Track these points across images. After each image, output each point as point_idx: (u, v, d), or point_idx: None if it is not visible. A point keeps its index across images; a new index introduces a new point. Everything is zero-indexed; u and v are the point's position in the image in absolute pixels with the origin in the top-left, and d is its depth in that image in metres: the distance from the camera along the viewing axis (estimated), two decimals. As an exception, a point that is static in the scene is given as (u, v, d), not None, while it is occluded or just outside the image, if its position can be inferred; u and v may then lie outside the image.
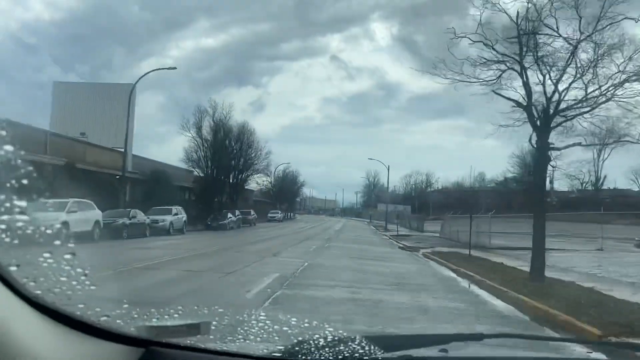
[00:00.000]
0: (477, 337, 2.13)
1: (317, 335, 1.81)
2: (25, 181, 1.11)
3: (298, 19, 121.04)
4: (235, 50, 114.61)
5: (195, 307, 1.77)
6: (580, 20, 11.12)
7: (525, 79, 11.55)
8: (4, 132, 1.02)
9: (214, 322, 1.67)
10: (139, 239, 23.58)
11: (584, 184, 76.81)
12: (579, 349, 3.28)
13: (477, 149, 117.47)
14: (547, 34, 11.63)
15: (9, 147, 1.06)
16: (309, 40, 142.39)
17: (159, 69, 42.33)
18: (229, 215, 42.62)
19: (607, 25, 10.95)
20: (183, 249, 18.30)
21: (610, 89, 11.10)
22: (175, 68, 50.74)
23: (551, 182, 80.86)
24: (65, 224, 16.78)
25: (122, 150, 33.71)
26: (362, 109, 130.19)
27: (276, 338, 1.84)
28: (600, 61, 11.19)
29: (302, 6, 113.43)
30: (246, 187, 65.36)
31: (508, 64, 11.85)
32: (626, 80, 11.01)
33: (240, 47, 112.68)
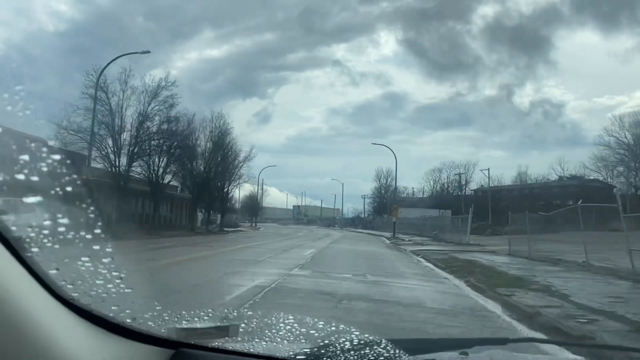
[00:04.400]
0: (501, 342, 2.13)
1: (343, 339, 1.83)
2: (69, 188, 1.15)
3: (303, 28, 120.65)
4: (240, 61, 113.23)
5: (225, 310, 1.81)
6: None
7: None
8: (52, 143, 1.07)
9: (242, 325, 1.70)
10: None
11: None
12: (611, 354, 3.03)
13: (486, 160, 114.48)
14: None
15: (56, 156, 1.11)
16: (315, 50, 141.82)
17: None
18: None
19: None
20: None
21: None
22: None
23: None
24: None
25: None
26: (368, 120, 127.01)
27: (303, 341, 1.86)
28: None
29: (307, 16, 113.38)
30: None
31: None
32: None
33: (245, 58, 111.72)
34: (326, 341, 1.86)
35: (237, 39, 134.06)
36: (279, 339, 1.79)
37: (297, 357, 1.66)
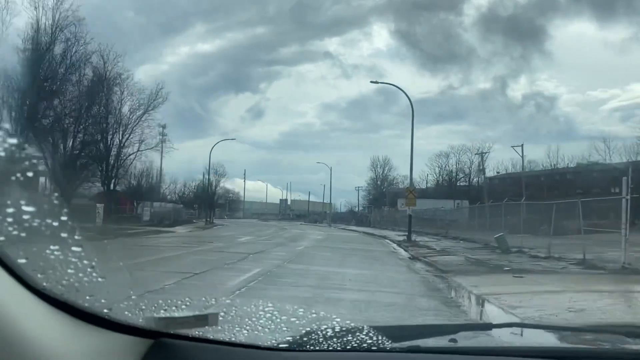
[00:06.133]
0: (486, 327, 2.13)
1: (325, 326, 1.82)
2: (29, 174, 1.12)
3: (295, 22, 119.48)
4: (232, 56, 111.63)
5: (203, 299, 1.78)
6: None
7: None
8: (7, 126, 1.04)
9: (222, 314, 1.68)
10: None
11: None
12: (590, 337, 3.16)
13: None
14: None
15: (12, 140, 1.07)
16: (307, 45, 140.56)
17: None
18: None
19: None
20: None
21: None
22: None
23: None
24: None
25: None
26: (361, 115, 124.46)
27: (284, 329, 1.85)
28: None
29: (299, 9, 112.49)
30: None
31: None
32: None
33: (237, 52, 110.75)
34: (308, 329, 1.84)
35: (229, 33, 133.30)
36: (260, 327, 1.77)
37: (280, 345, 1.64)
